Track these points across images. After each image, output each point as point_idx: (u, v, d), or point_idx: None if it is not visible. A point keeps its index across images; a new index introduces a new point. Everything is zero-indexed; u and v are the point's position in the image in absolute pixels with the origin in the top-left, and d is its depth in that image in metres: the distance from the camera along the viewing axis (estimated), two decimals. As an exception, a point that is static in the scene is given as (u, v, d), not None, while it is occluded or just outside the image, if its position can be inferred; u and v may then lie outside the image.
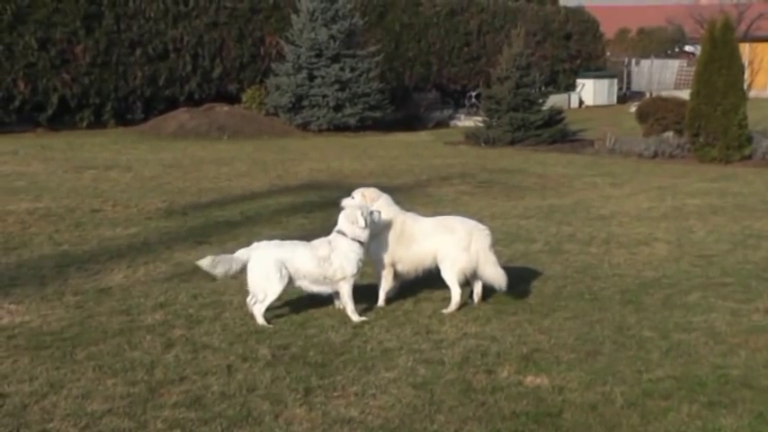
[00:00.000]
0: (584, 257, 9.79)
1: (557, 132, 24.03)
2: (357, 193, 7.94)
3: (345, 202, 7.87)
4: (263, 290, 7.24)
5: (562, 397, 5.71)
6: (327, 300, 7.66)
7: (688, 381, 5.96)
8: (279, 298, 7.37)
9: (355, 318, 7.33)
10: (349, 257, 7.35)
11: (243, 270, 7.38)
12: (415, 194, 14.17)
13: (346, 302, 7.41)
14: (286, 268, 7.26)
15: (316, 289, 7.46)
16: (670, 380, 5.98)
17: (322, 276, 7.36)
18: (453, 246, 7.70)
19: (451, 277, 7.68)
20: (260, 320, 7.21)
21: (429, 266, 7.87)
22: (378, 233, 7.67)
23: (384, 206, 7.81)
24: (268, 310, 7.29)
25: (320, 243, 7.49)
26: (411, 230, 7.82)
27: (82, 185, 14.66)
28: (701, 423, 5.32)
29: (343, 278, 7.38)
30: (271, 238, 10.35)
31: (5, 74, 23.58)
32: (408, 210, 8.18)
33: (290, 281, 7.33)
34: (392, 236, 7.73)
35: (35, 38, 23.92)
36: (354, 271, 7.40)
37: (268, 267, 7.23)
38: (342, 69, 26.16)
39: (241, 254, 7.41)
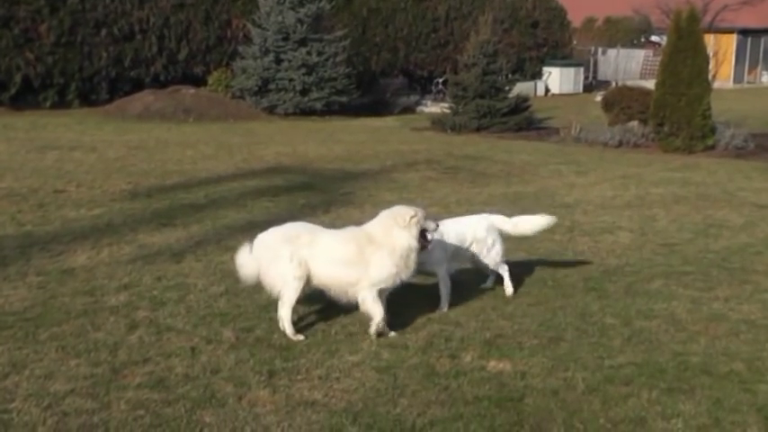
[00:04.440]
0: (548, 245, 9.84)
1: (522, 120, 24.08)
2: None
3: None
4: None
5: (524, 382, 5.76)
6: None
7: (648, 367, 6.04)
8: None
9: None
10: None
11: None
12: (381, 180, 14.18)
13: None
14: None
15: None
16: (631, 366, 6.06)
17: None
18: None
19: None
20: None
21: None
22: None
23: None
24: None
25: None
26: None
27: (45, 166, 14.52)
28: (660, 408, 5.39)
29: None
30: (236, 221, 10.49)
31: (-33, 52, 23.29)
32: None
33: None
34: None
35: (-3, 15, 23.64)
36: None
37: None
38: (309, 53, 26.07)
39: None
